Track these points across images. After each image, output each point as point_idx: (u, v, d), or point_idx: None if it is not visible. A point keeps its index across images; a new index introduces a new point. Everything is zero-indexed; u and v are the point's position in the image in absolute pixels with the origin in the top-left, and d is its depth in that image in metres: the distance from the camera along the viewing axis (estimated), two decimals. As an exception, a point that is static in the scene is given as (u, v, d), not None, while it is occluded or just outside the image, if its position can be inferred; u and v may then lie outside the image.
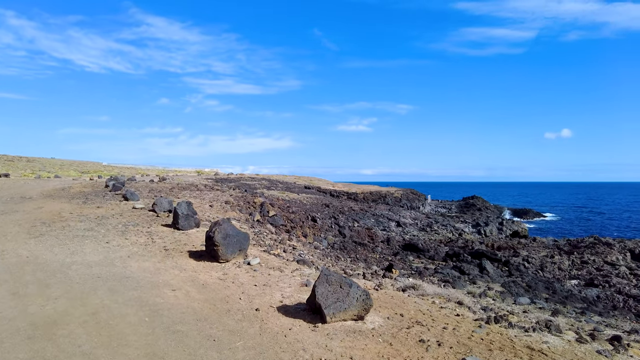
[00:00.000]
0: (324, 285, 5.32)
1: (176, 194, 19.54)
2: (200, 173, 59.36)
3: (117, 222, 12.16)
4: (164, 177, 38.73)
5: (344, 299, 5.26)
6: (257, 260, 8.53)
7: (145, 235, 10.74)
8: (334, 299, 5.24)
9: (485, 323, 5.61)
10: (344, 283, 5.37)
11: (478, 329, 5.37)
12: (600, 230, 49.10)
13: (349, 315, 5.29)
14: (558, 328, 5.48)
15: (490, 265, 16.31)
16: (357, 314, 5.33)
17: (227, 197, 19.91)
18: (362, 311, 5.36)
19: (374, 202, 58.04)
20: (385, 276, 10.86)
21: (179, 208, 11.89)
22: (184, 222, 11.82)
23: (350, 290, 5.33)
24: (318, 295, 5.25)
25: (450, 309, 6.53)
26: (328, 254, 15.11)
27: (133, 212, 13.91)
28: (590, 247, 30.36)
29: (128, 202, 15.84)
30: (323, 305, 5.17)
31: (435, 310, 6.30)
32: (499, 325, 5.55)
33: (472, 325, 5.59)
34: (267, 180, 57.50)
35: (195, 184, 26.31)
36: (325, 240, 18.60)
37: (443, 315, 6.09)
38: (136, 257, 8.57)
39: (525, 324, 5.78)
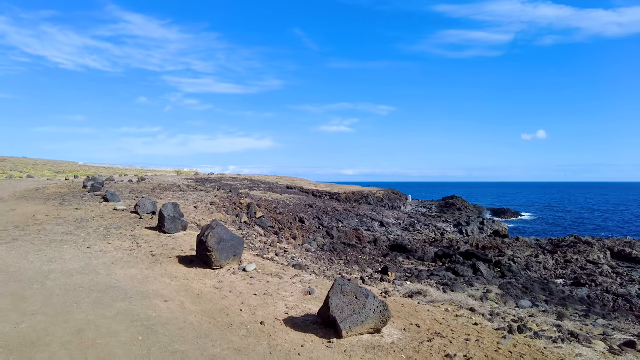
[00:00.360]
0: (339, 297, 4.84)
1: (158, 195, 18.71)
2: (179, 173, 57.97)
3: (98, 225, 11.37)
4: (143, 177, 37.56)
5: (361, 311, 4.79)
6: (253, 266, 7.98)
7: (130, 239, 10.03)
8: (350, 312, 4.76)
9: (509, 333, 5.24)
10: (360, 293, 4.89)
11: (503, 340, 4.99)
12: (576, 230, 50.20)
13: (366, 328, 4.82)
14: (587, 339, 5.15)
15: (484, 267, 16.15)
16: (374, 327, 4.87)
17: (212, 198, 19.19)
18: (379, 324, 4.90)
19: (356, 202, 57.92)
20: (383, 280, 10.46)
21: (165, 210, 11.21)
22: (171, 225, 11.14)
23: (366, 301, 4.86)
24: (333, 307, 4.76)
25: (466, 317, 6.14)
26: (320, 256, 14.64)
27: (114, 214, 13.12)
28: (572, 246, 30.82)
29: (108, 203, 14.99)
30: (338, 318, 4.69)
31: (451, 320, 5.90)
32: (523, 335, 5.19)
33: (495, 336, 5.21)
34: (249, 180, 56.63)
35: (178, 185, 25.43)
36: (315, 242, 18.11)
37: (461, 325, 5.69)
38: (121, 264, 7.90)
39: (551, 334, 5.44)
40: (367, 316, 4.79)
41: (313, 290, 6.72)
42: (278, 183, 62.05)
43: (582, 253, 27.46)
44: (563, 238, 34.51)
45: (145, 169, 59.05)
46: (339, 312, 4.73)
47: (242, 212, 17.62)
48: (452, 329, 5.41)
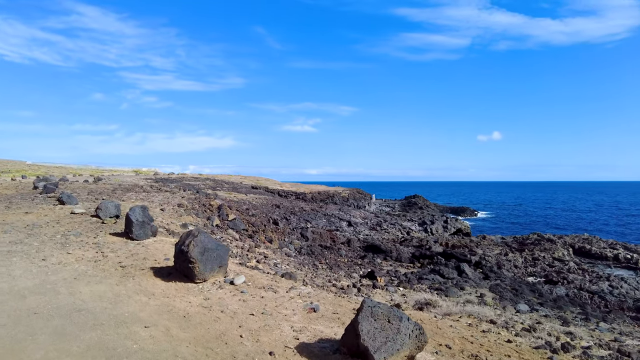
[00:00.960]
0: (369, 321, 4.04)
1: (120, 197, 17.13)
2: (138, 173, 54.96)
3: (53, 231, 9.93)
4: (99, 177, 35.13)
5: (395, 338, 4.01)
6: (242, 279, 7.02)
7: (93, 247, 8.75)
8: (383, 339, 3.97)
9: (552, 352, 4.63)
10: (393, 316, 4.11)
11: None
12: (531, 227, 52.19)
13: (401, 356, 4.05)
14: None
15: (468, 268, 15.89)
16: (409, 355, 4.11)
17: (178, 199, 17.82)
18: (414, 350, 4.14)
19: (322, 202, 57.40)
20: (376, 286, 9.77)
21: (132, 214, 9.95)
22: (139, 231, 9.91)
23: (400, 325, 4.09)
24: (363, 334, 3.95)
25: (494, 332, 5.52)
26: (302, 262, 13.76)
27: (72, 218, 11.63)
28: (536, 244, 31.68)
29: (64, 206, 13.39)
30: (371, 348, 3.88)
31: (480, 337, 5.25)
32: (571, 355, 4.60)
33: (538, 356, 4.59)
34: (211, 180, 54.72)
35: (140, 185, 23.71)
36: (292, 245, 17.20)
37: (493, 343, 5.05)
38: (86, 279, 6.71)
39: (601, 352, 4.89)
40: (403, 342, 4.02)
41: (317, 307, 5.88)
42: (242, 183, 60.44)
43: (548, 250, 28.20)
44: (527, 236, 35.48)
45: (101, 169, 55.59)
46: (370, 340, 3.92)
47: (213, 215, 16.42)
48: (487, 349, 4.74)
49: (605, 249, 29.90)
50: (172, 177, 52.30)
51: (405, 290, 10.40)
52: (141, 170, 59.76)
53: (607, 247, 30.84)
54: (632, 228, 51.59)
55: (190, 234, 7.01)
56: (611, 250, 29.49)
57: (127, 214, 10.01)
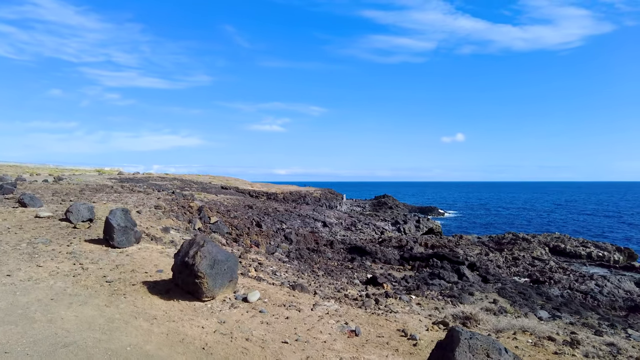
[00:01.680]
0: (466, 356, 3.17)
1: (89, 198, 15.49)
2: (101, 172, 51.81)
3: (17, 239, 8.48)
4: (59, 176, 32.65)
5: (499, 378, 3.16)
6: (257, 295, 6.00)
7: (68, 258, 7.43)
8: (487, 381, 3.11)
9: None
10: (493, 349, 3.27)
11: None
12: (497, 226, 53.37)
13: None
14: None
15: (468, 272, 15.38)
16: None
17: (154, 200, 16.36)
18: (516, 391, 3.31)
19: (294, 202, 56.39)
20: (389, 295, 8.94)
21: (113, 218, 8.65)
22: (122, 238, 8.63)
23: (500, 358, 3.25)
24: (464, 376, 3.07)
25: (568, 354, 4.78)
26: (300, 268, 12.75)
27: (38, 223, 10.13)
28: (513, 243, 31.98)
29: (26, 208, 11.76)
30: (477, 395, 3.01)
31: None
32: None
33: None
34: (179, 180, 52.58)
35: (109, 185, 21.90)
36: (280, 249, 16.15)
37: (576, 370, 4.30)
38: (66, 299, 5.49)
39: None
40: (507, 384, 3.18)
41: (358, 330, 4.96)
42: (211, 183, 58.46)
43: (526, 250, 28.48)
44: (503, 235, 35.84)
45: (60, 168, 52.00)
46: (474, 384, 3.06)
47: (194, 217, 15.12)
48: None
49: (578, 248, 30.57)
50: (138, 177, 49.89)
51: (418, 298, 9.66)
52: (104, 170, 56.45)
53: (580, 245, 31.57)
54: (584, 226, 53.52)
55: (194, 243, 5.92)
56: (584, 249, 30.18)
57: (107, 218, 8.71)
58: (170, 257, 8.60)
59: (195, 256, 5.60)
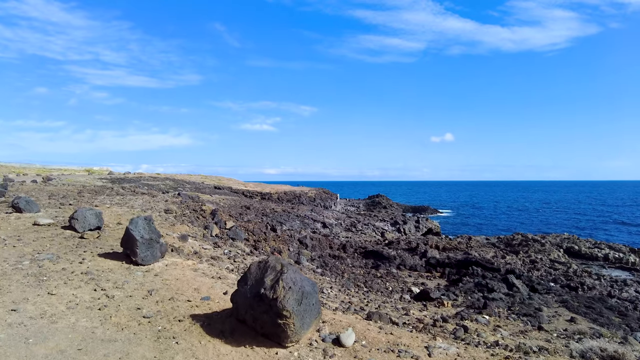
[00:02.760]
0: None
1: (89, 201, 13.79)
2: (91, 172, 49.48)
3: (17, 254, 6.86)
4: (48, 176, 30.67)
5: None
6: (352, 337, 4.54)
7: (85, 281, 5.89)
8: None
9: None
10: None
11: None
12: (495, 225, 52.66)
13: None
14: None
15: (518, 281, 14.09)
16: None
17: (163, 204, 14.74)
18: None
19: (289, 202, 55.03)
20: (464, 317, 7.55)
21: (135, 228, 7.11)
22: (146, 252, 7.10)
23: None
24: None
25: None
26: (339, 282, 11.30)
27: (38, 232, 8.50)
28: (525, 245, 30.99)
29: (22, 214, 10.10)
30: None
31: None
32: None
33: None
34: (171, 180, 50.76)
35: (109, 186, 20.15)
36: (303, 257, 14.66)
37: None
38: (99, 350, 3.98)
39: None
40: None
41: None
42: (204, 183, 56.74)
43: (541, 252, 27.45)
44: (512, 236, 34.86)
45: (47, 168, 49.54)
46: None
47: (209, 223, 13.56)
48: None
49: (593, 249, 29.71)
50: (129, 177, 48.03)
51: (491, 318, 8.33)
52: (93, 170, 53.95)
53: (594, 246, 30.74)
54: (578, 225, 53.05)
55: (268, 267, 4.44)
56: (599, 250, 29.32)
57: (128, 229, 7.15)
58: (207, 275, 7.10)
59: (275, 287, 4.14)
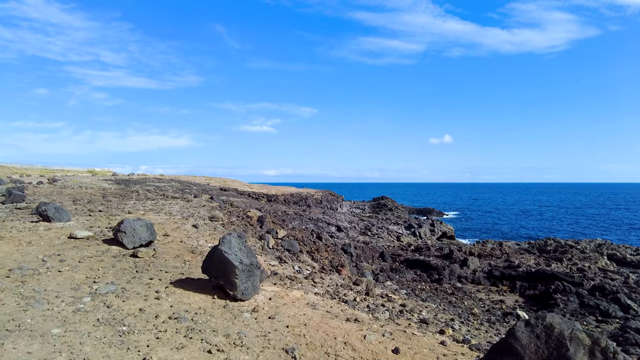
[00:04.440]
0: None
1: (119, 206, 11.78)
2: (94, 173, 47.15)
3: (69, 284, 4.85)
4: (53, 177, 28.69)
5: None
6: None
7: (184, 333, 3.95)
8: None
9: None
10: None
11: None
12: (504, 228, 50.71)
13: None
14: None
15: (631, 301, 12.31)
16: None
17: (205, 209, 12.76)
18: None
19: (295, 205, 53.29)
20: None
21: (229, 249, 5.17)
22: (247, 283, 5.17)
23: None
24: None
25: None
26: (439, 307, 9.41)
27: (79, 248, 6.51)
28: (561, 251, 29.16)
29: (52, 224, 8.10)
30: None
31: None
32: None
33: None
34: (176, 181, 48.76)
35: (134, 189, 18.16)
36: (367, 272, 12.76)
37: None
38: None
39: None
40: None
41: None
42: (209, 184, 54.76)
43: (587, 259, 25.67)
44: (544, 241, 33.08)
45: (50, 169, 47.24)
46: None
47: (260, 231, 11.62)
48: None
49: (636, 256, 27.98)
50: (134, 179, 46.11)
51: None
52: (96, 171, 51.56)
53: (635, 253, 29.02)
54: (583, 227, 51.24)
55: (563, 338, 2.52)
56: (643, 257, 27.59)
57: (222, 251, 5.19)
58: (336, 316, 5.16)
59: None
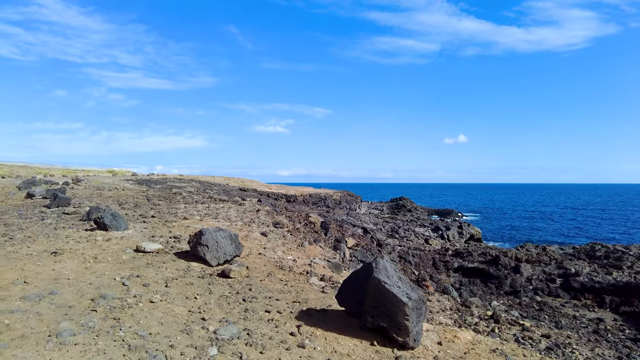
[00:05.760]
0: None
1: (170, 210, 10.44)
2: (115, 173, 46.26)
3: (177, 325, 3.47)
4: (77, 178, 27.76)
5: None
6: None
7: None
8: None
9: None
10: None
11: None
12: (530, 231, 48.30)
13: None
14: None
15: None
16: None
17: (263, 215, 11.40)
18: None
19: (314, 205, 51.98)
20: None
21: (388, 279, 3.77)
22: (417, 325, 3.72)
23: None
24: None
25: None
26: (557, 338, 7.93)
27: (154, 265, 5.14)
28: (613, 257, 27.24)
29: (109, 233, 6.79)
30: None
31: None
32: None
33: None
34: (197, 181, 47.77)
35: (176, 192, 16.93)
36: (450, 287, 11.30)
37: None
38: None
39: None
40: None
41: None
42: (229, 184, 53.67)
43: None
44: (590, 246, 31.10)
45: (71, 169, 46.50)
46: None
47: (332, 240, 10.22)
48: None
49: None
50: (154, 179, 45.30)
51: None
52: (115, 171, 50.68)
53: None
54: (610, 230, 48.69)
55: None
56: None
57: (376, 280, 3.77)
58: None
59: None
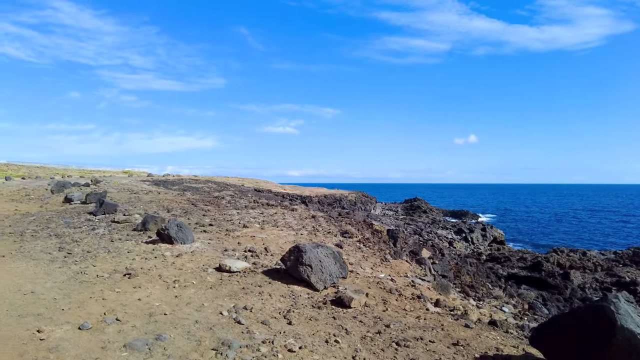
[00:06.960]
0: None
1: (226, 217, 9.23)
2: (130, 174, 45.35)
3: None
4: (96, 179, 26.95)
5: None
6: None
7: None
8: None
9: None
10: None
11: None
12: (549, 233, 46.35)
13: None
14: None
15: None
16: None
17: (323, 221, 10.15)
18: None
19: (329, 206, 50.73)
20: None
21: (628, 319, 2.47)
22: None
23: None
24: None
25: None
26: None
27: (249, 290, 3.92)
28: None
29: (174, 246, 5.59)
30: None
31: None
32: None
33: None
34: (213, 182, 46.73)
35: (218, 195, 15.78)
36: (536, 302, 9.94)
37: None
38: None
39: None
40: None
41: None
42: (244, 185, 52.59)
43: None
44: (633, 250, 29.59)
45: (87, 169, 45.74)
46: None
47: (411, 253, 8.95)
48: None
49: None
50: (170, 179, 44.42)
51: None
52: (130, 171, 49.81)
53: None
54: None
55: None
56: None
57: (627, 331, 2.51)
58: None
59: None
